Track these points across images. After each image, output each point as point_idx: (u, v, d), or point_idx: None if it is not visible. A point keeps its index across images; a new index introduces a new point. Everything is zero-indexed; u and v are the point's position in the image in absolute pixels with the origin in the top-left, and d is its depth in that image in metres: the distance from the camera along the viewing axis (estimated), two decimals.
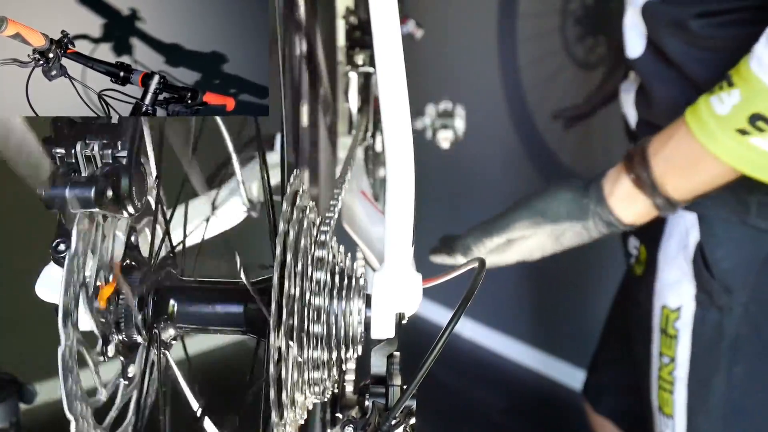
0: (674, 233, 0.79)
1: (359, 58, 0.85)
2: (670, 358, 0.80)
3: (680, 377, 0.80)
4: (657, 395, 0.83)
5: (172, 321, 0.43)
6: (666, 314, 0.80)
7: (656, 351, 0.82)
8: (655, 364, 0.82)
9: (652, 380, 0.83)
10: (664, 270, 0.80)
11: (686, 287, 0.79)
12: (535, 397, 2.16)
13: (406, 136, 0.41)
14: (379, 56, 0.39)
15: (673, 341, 0.80)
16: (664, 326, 0.80)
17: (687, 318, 0.79)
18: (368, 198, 0.66)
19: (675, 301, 0.79)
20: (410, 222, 0.44)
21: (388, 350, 0.46)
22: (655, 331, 0.82)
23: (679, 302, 0.79)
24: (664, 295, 0.80)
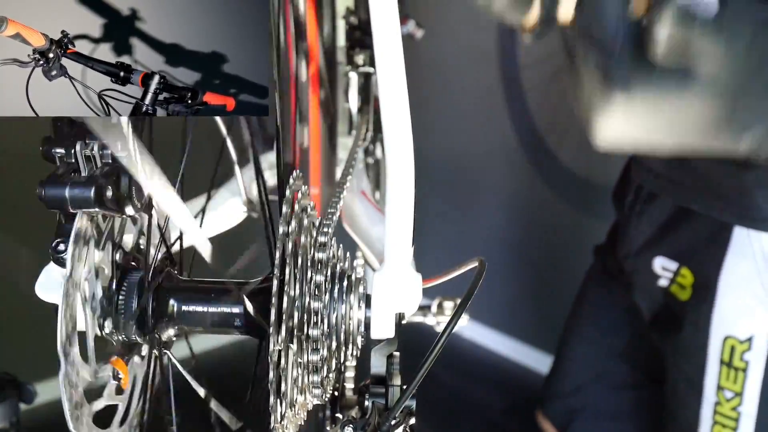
0: (745, 256, 0.72)
1: (359, 58, 0.85)
2: (735, 393, 0.75)
3: (747, 413, 0.75)
4: (711, 430, 0.77)
5: (172, 321, 0.43)
6: (731, 345, 0.74)
7: (712, 384, 0.76)
8: (710, 397, 0.77)
9: (702, 415, 0.78)
10: (729, 297, 0.74)
11: (760, 316, 0.73)
12: (535, 397, 2.16)
13: (406, 136, 0.41)
14: (379, 56, 0.39)
15: (740, 374, 0.74)
16: (727, 359, 0.74)
17: (761, 350, 0.73)
18: (368, 198, 0.65)
19: (745, 332, 0.73)
20: (410, 222, 0.44)
21: (387, 350, 0.46)
22: (712, 362, 0.76)
23: (749, 332, 0.73)
24: (727, 324, 0.74)
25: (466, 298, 0.43)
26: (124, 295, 0.42)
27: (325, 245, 0.43)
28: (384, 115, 0.41)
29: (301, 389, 0.42)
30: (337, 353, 0.43)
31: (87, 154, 0.38)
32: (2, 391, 0.57)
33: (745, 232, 0.73)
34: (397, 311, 0.45)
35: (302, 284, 0.41)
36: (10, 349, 1.60)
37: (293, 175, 0.43)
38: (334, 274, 0.44)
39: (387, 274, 0.46)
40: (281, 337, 0.39)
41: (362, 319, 0.44)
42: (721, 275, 0.74)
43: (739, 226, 0.73)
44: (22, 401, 0.59)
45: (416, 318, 0.67)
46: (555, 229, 2.15)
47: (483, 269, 0.45)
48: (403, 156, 0.42)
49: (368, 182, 0.75)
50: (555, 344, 2.36)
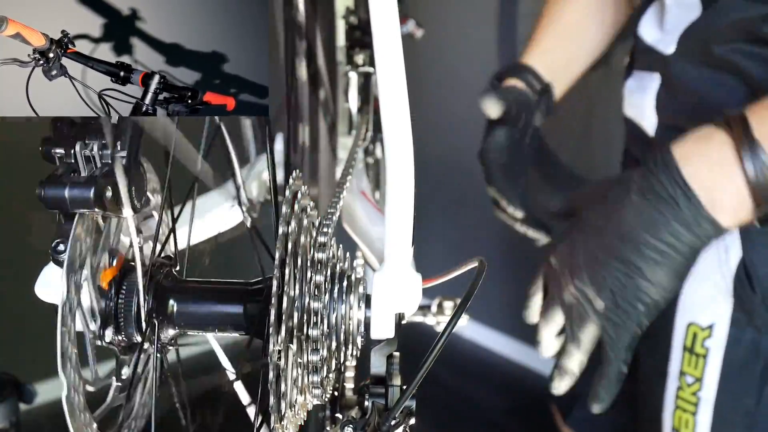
0: (709, 250, 0.71)
1: (359, 58, 0.85)
2: (695, 378, 0.76)
3: (706, 398, 0.76)
4: (673, 415, 0.79)
5: (172, 321, 0.43)
6: (694, 332, 0.76)
7: (675, 370, 0.78)
8: (672, 383, 0.78)
9: (666, 399, 0.80)
10: (693, 287, 0.75)
11: (721, 305, 0.74)
12: (535, 397, 2.16)
13: (406, 136, 0.41)
14: (379, 56, 0.39)
15: (701, 360, 0.76)
16: (690, 345, 0.76)
17: (720, 337, 0.74)
18: (368, 198, 0.65)
19: (706, 319, 0.74)
20: (410, 222, 0.44)
21: (387, 350, 0.46)
22: (676, 349, 0.77)
23: (711, 320, 0.74)
24: (691, 312, 0.75)
25: (466, 298, 0.43)
26: (124, 296, 0.42)
27: (324, 245, 0.42)
28: (384, 115, 0.41)
29: (301, 389, 0.42)
30: (336, 353, 0.43)
31: (87, 154, 0.38)
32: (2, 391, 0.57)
33: None
34: (397, 311, 0.45)
35: (302, 284, 0.41)
36: (10, 349, 1.60)
37: (293, 175, 0.43)
38: (333, 274, 0.43)
39: (387, 274, 0.46)
40: (281, 337, 0.39)
41: (362, 319, 0.44)
42: None
43: None
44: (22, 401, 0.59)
45: (416, 318, 0.67)
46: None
47: (483, 269, 0.45)
48: (403, 156, 0.42)
49: (368, 182, 0.75)
50: None
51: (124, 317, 0.41)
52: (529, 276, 0.85)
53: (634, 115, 0.84)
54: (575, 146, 2.07)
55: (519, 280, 2.43)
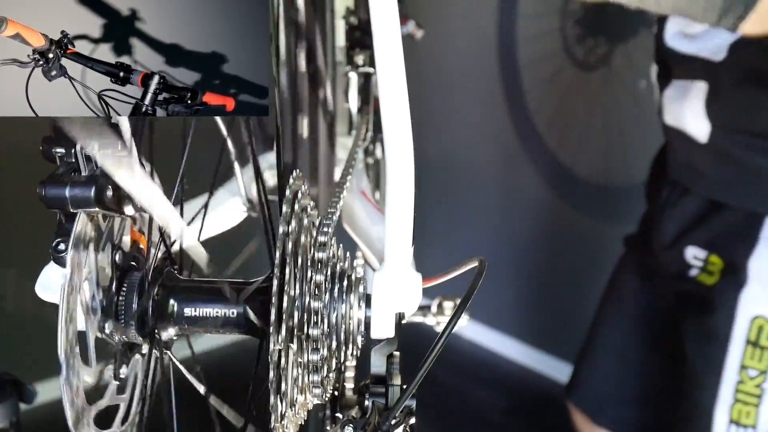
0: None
1: (359, 58, 0.85)
2: (760, 371, 0.79)
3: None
4: (731, 408, 0.81)
5: (173, 321, 0.43)
6: (759, 325, 0.78)
7: (735, 363, 0.80)
8: (731, 376, 0.80)
9: (721, 393, 0.81)
10: (760, 279, 0.78)
11: None
12: (535, 397, 2.16)
13: (406, 136, 0.41)
14: (379, 56, 0.39)
15: (766, 353, 0.78)
16: (754, 338, 0.78)
17: None
18: (368, 198, 0.65)
19: None
20: (410, 222, 0.44)
21: (388, 350, 0.46)
22: (737, 342, 0.80)
23: None
24: (757, 305, 0.78)
25: (466, 298, 0.43)
26: (124, 295, 0.42)
27: (325, 245, 0.43)
28: (384, 115, 0.41)
29: (301, 389, 0.42)
30: (337, 353, 0.43)
31: (87, 154, 0.38)
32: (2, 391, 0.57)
33: None
34: (397, 311, 0.45)
35: (302, 284, 0.41)
36: (10, 349, 1.61)
37: (293, 175, 0.43)
38: (334, 274, 0.44)
39: (387, 273, 0.46)
40: (281, 336, 0.39)
41: (362, 319, 0.44)
42: (752, 259, 0.79)
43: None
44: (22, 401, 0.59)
45: (416, 318, 0.67)
46: (555, 228, 2.15)
47: (483, 269, 0.45)
48: (403, 156, 0.42)
49: (368, 182, 0.75)
50: (555, 344, 2.35)
51: (124, 316, 0.41)
52: (529, 276, 0.86)
53: (679, 123, 0.85)
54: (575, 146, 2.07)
55: (519, 280, 2.44)
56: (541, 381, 2.20)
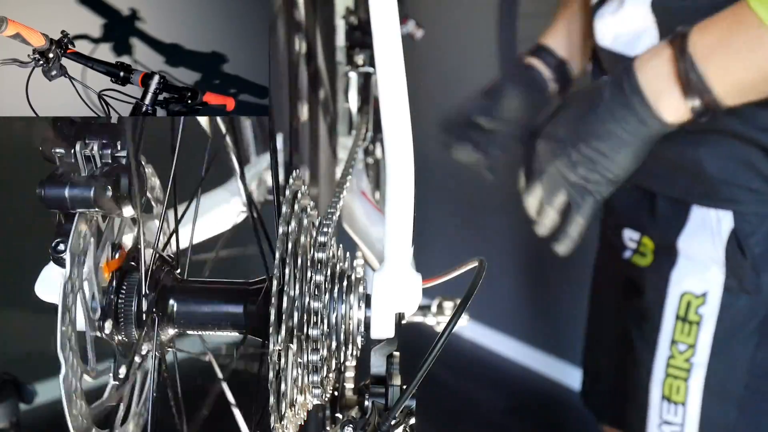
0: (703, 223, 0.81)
1: (359, 58, 0.85)
2: (688, 345, 0.82)
3: (699, 363, 0.81)
4: (663, 383, 0.84)
5: (172, 321, 0.43)
6: (687, 300, 0.81)
7: (666, 339, 0.83)
8: (663, 353, 0.83)
9: (655, 369, 0.84)
10: (688, 258, 0.81)
11: (714, 273, 0.80)
12: (535, 397, 2.16)
13: (406, 136, 0.41)
14: (379, 56, 0.39)
15: (694, 327, 0.81)
16: (683, 313, 0.81)
17: (714, 303, 0.80)
18: (368, 198, 0.65)
19: (700, 287, 0.81)
20: (410, 222, 0.44)
21: (387, 350, 0.46)
22: (668, 319, 0.83)
23: (704, 288, 0.80)
24: (685, 282, 0.81)
25: (466, 298, 0.43)
26: (123, 296, 0.42)
27: (324, 245, 0.42)
28: (384, 115, 0.41)
29: (301, 389, 0.42)
30: (336, 353, 0.43)
31: (87, 154, 0.38)
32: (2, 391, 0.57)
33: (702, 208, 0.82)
34: (397, 311, 0.45)
35: (302, 284, 0.41)
36: (10, 349, 1.61)
37: (293, 175, 0.43)
38: (333, 274, 0.43)
39: (387, 274, 0.46)
40: (281, 337, 0.39)
41: (362, 319, 0.44)
42: (680, 239, 0.82)
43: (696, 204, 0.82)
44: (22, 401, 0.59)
45: (416, 318, 0.67)
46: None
47: (483, 269, 0.45)
48: (403, 156, 0.42)
49: (368, 182, 0.75)
50: (555, 344, 2.35)
51: (124, 316, 0.41)
52: (529, 276, 0.87)
53: None
54: None
55: (519, 280, 2.44)
56: (541, 381, 2.20)
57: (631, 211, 0.89)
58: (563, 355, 2.15)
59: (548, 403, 2.12)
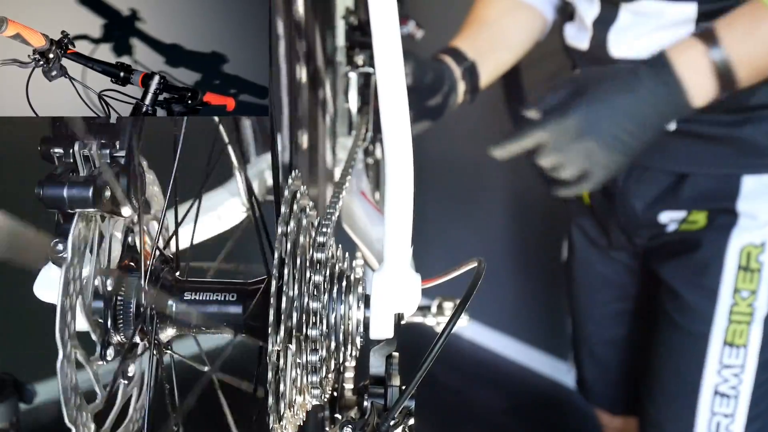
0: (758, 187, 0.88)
1: (359, 58, 0.85)
2: (751, 291, 0.90)
3: (760, 307, 0.89)
4: (726, 330, 0.90)
5: (171, 321, 0.43)
6: (748, 252, 0.89)
7: (729, 289, 0.90)
8: (725, 301, 0.90)
9: (716, 319, 0.90)
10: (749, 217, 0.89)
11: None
12: (535, 397, 2.16)
13: (405, 136, 0.41)
14: (379, 56, 0.39)
15: (756, 274, 0.89)
16: (745, 263, 0.89)
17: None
18: (368, 198, 0.65)
19: (759, 238, 0.89)
20: (409, 222, 0.44)
21: (387, 351, 0.46)
22: (729, 271, 0.90)
23: (762, 239, 0.89)
24: (744, 237, 0.89)
25: (466, 298, 0.43)
26: (122, 295, 0.42)
27: (324, 245, 0.42)
28: (383, 116, 0.41)
29: (300, 390, 0.42)
30: (336, 353, 0.43)
31: (85, 153, 0.38)
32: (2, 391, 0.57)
33: None
34: (397, 311, 0.45)
35: (301, 284, 0.41)
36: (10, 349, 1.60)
37: (292, 175, 0.43)
38: (333, 275, 0.43)
39: (386, 274, 0.46)
40: (280, 337, 0.39)
41: (361, 320, 0.44)
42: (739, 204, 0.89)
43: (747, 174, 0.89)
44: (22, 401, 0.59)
45: (416, 318, 0.67)
46: (555, 227, 2.15)
47: (482, 269, 0.45)
48: (402, 156, 0.42)
49: (368, 182, 0.75)
50: (555, 344, 2.35)
51: (122, 317, 0.41)
52: (529, 276, 0.88)
53: None
54: None
55: (519, 280, 2.44)
56: (541, 381, 2.20)
57: (669, 195, 0.93)
58: (563, 355, 2.15)
59: (548, 403, 2.12)
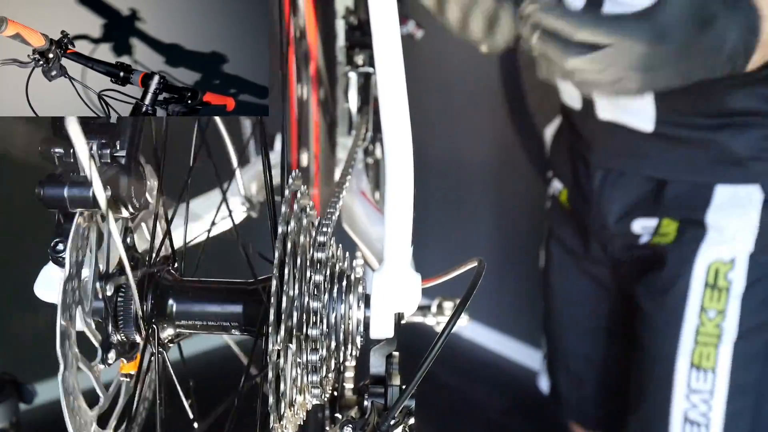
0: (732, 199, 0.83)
1: (359, 58, 0.85)
2: (718, 311, 0.84)
3: (728, 329, 0.84)
4: (692, 354, 0.85)
5: (171, 320, 0.43)
6: (716, 268, 0.84)
7: (695, 308, 0.85)
8: (691, 321, 0.85)
9: (682, 341, 0.86)
10: (717, 230, 0.84)
11: (741, 240, 0.83)
12: (535, 397, 2.16)
13: (405, 136, 0.41)
14: (379, 56, 0.39)
15: (723, 293, 0.84)
16: (712, 281, 0.84)
17: (741, 267, 0.83)
18: (368, 198, 0.65)
19: (729, 254, 0.84)
20: (410, 222, 0.44)
21: (387, 350, 0.46)
22: (696, 288, 0.85)
23: (732, 255, 0.84)
24: (711, 252, 0.84)
25: (466, 298, 0.43)
26: (123, 295, 0.42)
27: (324, 245, 0.43)
28: (384, 115, 0.41)
29: (300, 389, 0.42)
30: (336, 353, 0.43)
31: None
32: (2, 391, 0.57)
33: None
34: (397, 311, 0.45)
35: (301, 284, 0.41)
36: (10, 349, 1.61)
37: (293, 175, 0.43)
38: (333, 274, 0.43)
39: (386, 274, 0.46)
40: (280, 336, 0.39)
41: (361, 319, 0.44)
42: (708, 215, 0.84)
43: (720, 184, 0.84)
44: (22, 401, 0.59)
45: (416, 318, 0.67)
46: None
47: (482, 269, 0.45)
48: (402, 156, 0.42)
49: (368, 182, 0.75)
50: None
51: (123, 317, 0.41)
52: (529, 276, 0.87)
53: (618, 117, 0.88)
54: None
55: (519, 280, 2.44)
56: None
57: (642, 202, 0.90)
58: None
59: (548, 403, 2.12)
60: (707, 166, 0.85)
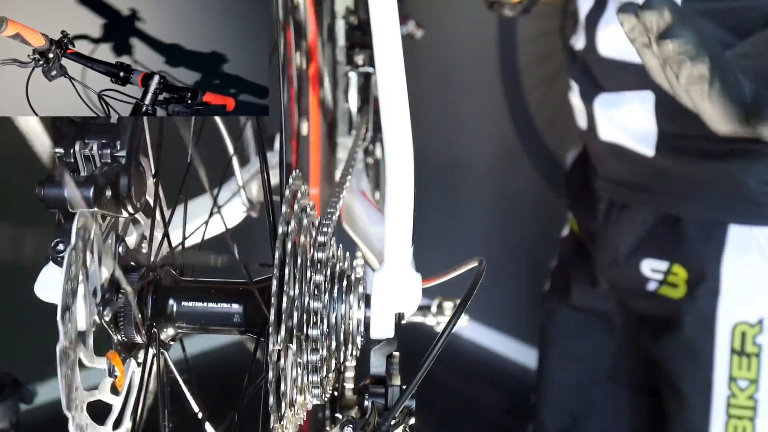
0: (746, 243, 0.73)
1: (359, 58, 0.85)
2: (750, 381, 0.74)
3: (764, 398, 0.74)
4: (726, 425, 0.76)
5: (171, 321, 0.43)
6: (742, 331, 0.74)
7: (723, 378, 0.75)
8: (721, 392, 0.76)
9: (713, 412, 0.76)
10: (734, 284, 0.74)
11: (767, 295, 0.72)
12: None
13: (405, 136, 0.41)
14: (379, 56, 0.39)
15: (754, 360, 0.73)
16: (739, 347, 0.74)
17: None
18: (368, 198, 0.65)
19: (755, 314, 0.73)
20: (410, 222, 0.44)
21: (387, 350, 0.46)
22: (722, 354, 0.75)
23: (759, 315, 0.73)
24: (736, 311, 0.74)
25: (466, 298, 0.43)
26: (123, 295, 0.42)
27: (324, 245, 0.43)
28: (384, 115, 0.41)
29: (301, 389, 0.42)
30: (336, 353, 0.43)
31: (86, 153, 0.38)
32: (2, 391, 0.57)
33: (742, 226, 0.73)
34: (397, 311, 0.45)
35: (302, 284, 0.41)
36: (10, 349, 1.61)
37: (293, 175, 0.43)
38: (333, 274, 0.43)
39: (386, 274, 0.46)
40: (281, 336, 0.39)
41: (362, 319, 0.44)
42: (723, 265, 0.74)
43: (734, 223, 0.74)
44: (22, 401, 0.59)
45: (416, 318, 0.67)
46: (555, 228, 2.15)
47: (483, 269, 0.45)
48: (402, 156, 0.42)
49: (368, 182, 0.75)
50: None
51: (123, 317, 0.41)
52: (529, 276, 0.86)
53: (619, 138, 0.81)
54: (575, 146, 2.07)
55: (519, 279, 2.44)
56: None
57: (652, 240, 0.81)
58: None
59: None
60: (718, 202, 0.75)
